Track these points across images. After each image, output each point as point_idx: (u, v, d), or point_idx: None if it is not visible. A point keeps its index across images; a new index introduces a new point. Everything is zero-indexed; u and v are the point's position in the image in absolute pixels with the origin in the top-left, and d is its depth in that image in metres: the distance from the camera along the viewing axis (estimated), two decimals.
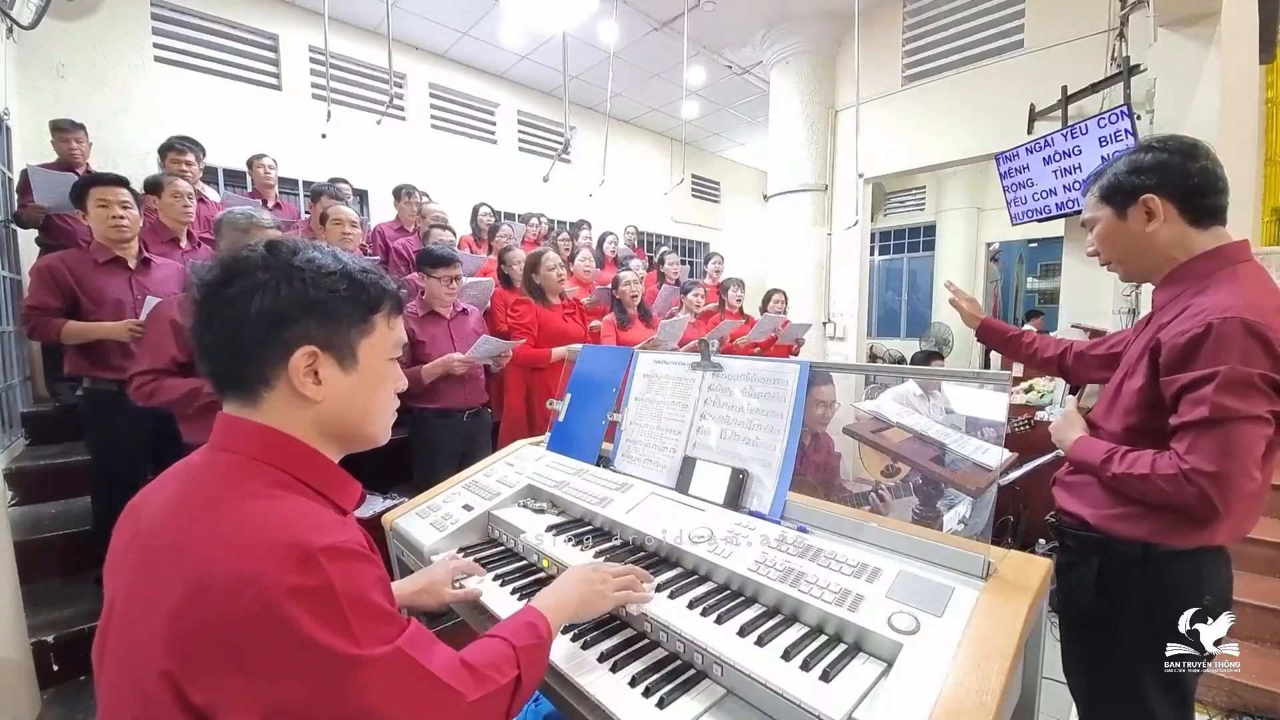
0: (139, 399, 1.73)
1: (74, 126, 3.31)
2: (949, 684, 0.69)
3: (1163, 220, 1.07)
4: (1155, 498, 0.99)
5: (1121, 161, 1.12)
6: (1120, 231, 1.13)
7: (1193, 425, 0.95)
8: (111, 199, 2.08)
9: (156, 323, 1.78)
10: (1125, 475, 1.02)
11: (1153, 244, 1.09)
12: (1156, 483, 0.97)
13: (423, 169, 5.83)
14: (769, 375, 1.25)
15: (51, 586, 2.27)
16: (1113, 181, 1.12)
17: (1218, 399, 0.92)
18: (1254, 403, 0.92)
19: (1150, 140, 1.12)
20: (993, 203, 7.57)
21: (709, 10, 5.19)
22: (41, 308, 2.06)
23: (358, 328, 0.68)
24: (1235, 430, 0.92)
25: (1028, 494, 2.86)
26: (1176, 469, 0.94)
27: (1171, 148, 1.07)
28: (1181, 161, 1.05)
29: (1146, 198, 1.07)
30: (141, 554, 0.59)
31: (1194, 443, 0.94)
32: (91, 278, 2.11)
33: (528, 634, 0.74)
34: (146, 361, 1.73)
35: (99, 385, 2.12)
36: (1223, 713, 2.02)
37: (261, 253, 0.65)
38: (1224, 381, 0.92)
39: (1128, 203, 1.09)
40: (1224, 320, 0.93)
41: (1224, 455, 0.92)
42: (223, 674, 0.51)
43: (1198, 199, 1.06)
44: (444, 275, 2.44)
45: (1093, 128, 3.42)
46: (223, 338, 0.63)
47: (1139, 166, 1.08)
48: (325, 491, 0.66)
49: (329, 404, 0.66)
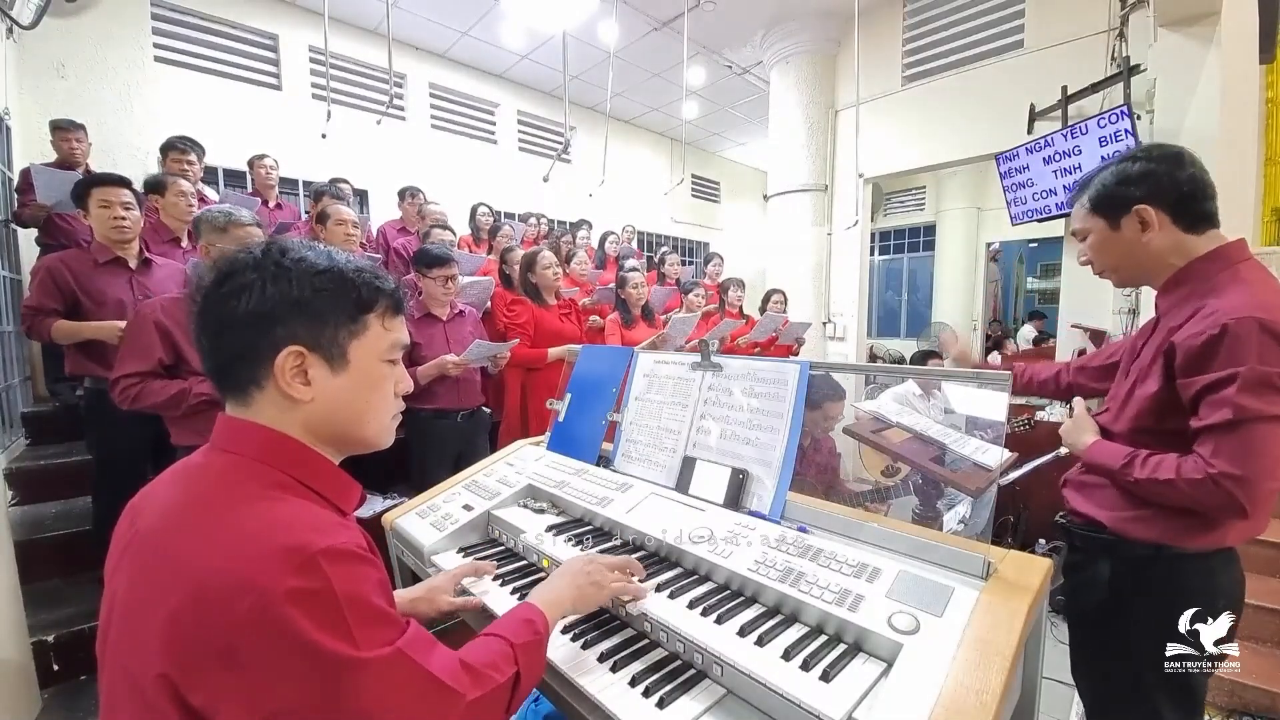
0: (124, 403, 1.69)
1: (74, 126, 3.31)
2: (949, 684, 0.69)
3: (1157, 229, 1.06)
4: (1180, 501, 0.99)
5: (1108, 173, 1.12)
6: (1114, 241, 1.12)
7: (1216, 428, 0.94)
8: (113, 199, 2.08)
9: (140, 325, 1.74)
10: (1149, 480, 1.01)
11: (1149, 252, 1.09)
12: (1182, 487, 0.97)
13: (423, 169, 5.83)
14: (769, 375, 1.25)
15: (51, 586, 2.27)
16: (1101, 192, 1.12)
17: (1240, 400, 0.92)
18: (1275, 401, 0.92)
19: (1135, 151, 1.12)
20: (993, 203, 7.56)
21: (709, 10, 5.19)
22: (39, 308, 2.06)
23: (347, 328, 0.67)
24: (1258, 431, 0.92)
25: (1028, 494, 2.85)
26: (1204, 473, 0.94)
27: (1156, 157, 1.07)
28: (1169, 170, 1.05)
29: (1140, 208, 1.07)
30: (140, 555, 0.59)
31: (1219, 446, 0.94)
32: (92, 278, 2.10)
33: (525, 631, 0.74)
34: (131, 365, 1.70)
35: (100, 384, 2.10)
36: (1223, 713, 2.02)
37: (254, 253, 0.65)
38: (1245, 382, 0.91)
39: (1119, 213, 1.09)
40: (1239, 321, 0.93)
41: (1249, 457, 0.92)
42: (221, 677, 0.51)
43: (1190, 205, 1.06)
44: (439, 275, 2.44)
45: (1093, 128, 3.41)
46: (215, 337, 0.64)
47: (1126, 177, 1.08)
48: (324, 492, 0.66)
49: (318, 405, 0.66)
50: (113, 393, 1.72)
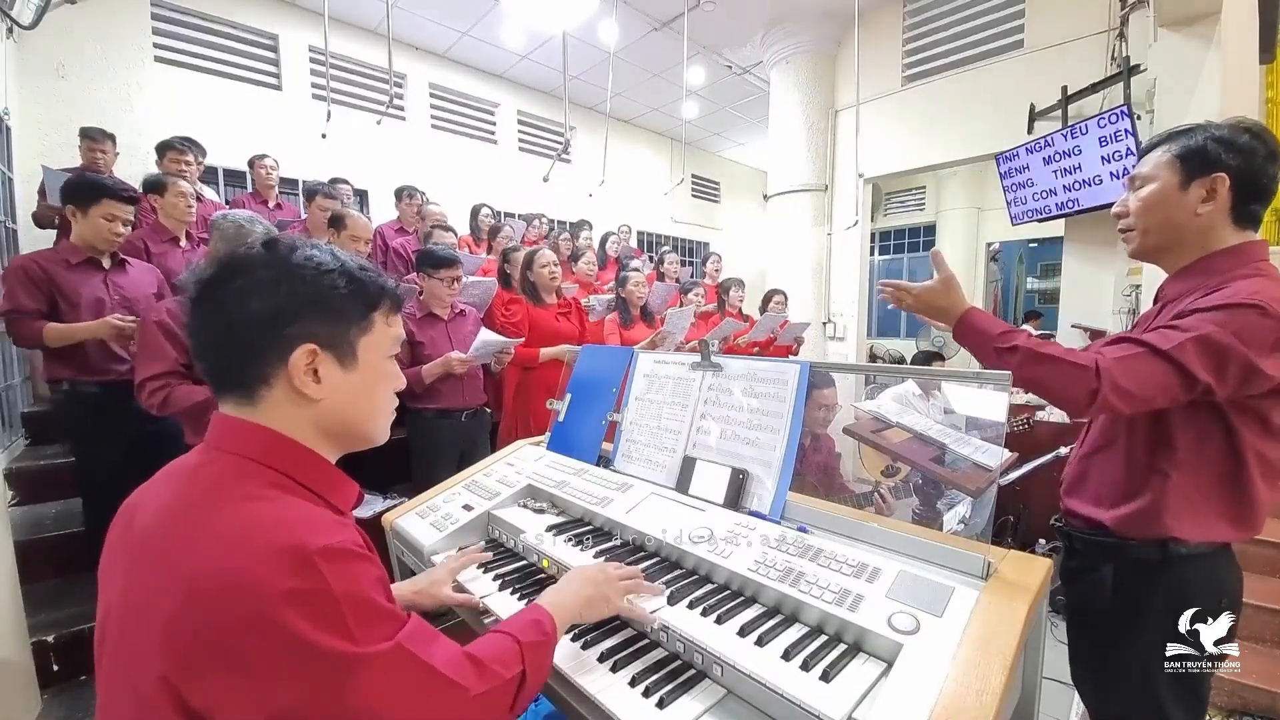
0: (153, 407, 1.69)
1: (104, 136, 3.32)
2: (949, 684, 0.69)
3: (1215, 205, 1.03)
4: (1047, 381, 0.99)
5: (1215, 130, 1.04)
6: (1173, 200, 1.06)
7: (1143, 343, 0.96)
8: (120, 215, 2.04)
9: (147, 330, 1.74)
10: (1029, 351, 0.99)
11: (1192, 225, 1.05)
12: (1065, 364, 0.97)
13: (423, 169, 5.82)
14: (769, 375, 1.25)
15: (52, 586, 2.26)
16: (1199, 146, 1.03)
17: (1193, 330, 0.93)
18: (1205, 364, 0.92)
19: (1251, 125, 1.05)
20: (993, 203, 7.56)
21: (709, 10, 5.19)
22: (20, 309, 1.96)
23: (357, 325, 0.68)
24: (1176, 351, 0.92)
25: (1028, 494, 2.85)
26: (1093, 363, 0.94)
27: (1269, 144, 1.02)
28: (1265, 160, 1.02)
29: (1218, 176, 1.01)
30: (137, 557, 0.59)
31: (1132, 358, 0.95)
32: (66, 278, 2.02)
33: (533, 630, 0.74)
34: (154, 367, 1.70)
35: (80, 388, 2.07)
36: (1223, 713, 2.02)
37: (260, 251, 0.65)
38: (1203, 336, 0.92)
39: (1199, 174, 1.03)
40: (1250, 296, 0.94)
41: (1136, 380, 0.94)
42: (221, 678, 0.51)
43: (1254, 200, 1.03)
44: (446, 276, 2.44)
45: (1093, 128, 3.42)
46: (222, 336, 0.63)
47: (1233, 144, 1.01)
48: (322, 492, 0.66)
49: (329, 402, 0.66)
50: (139, 396, 1.71)
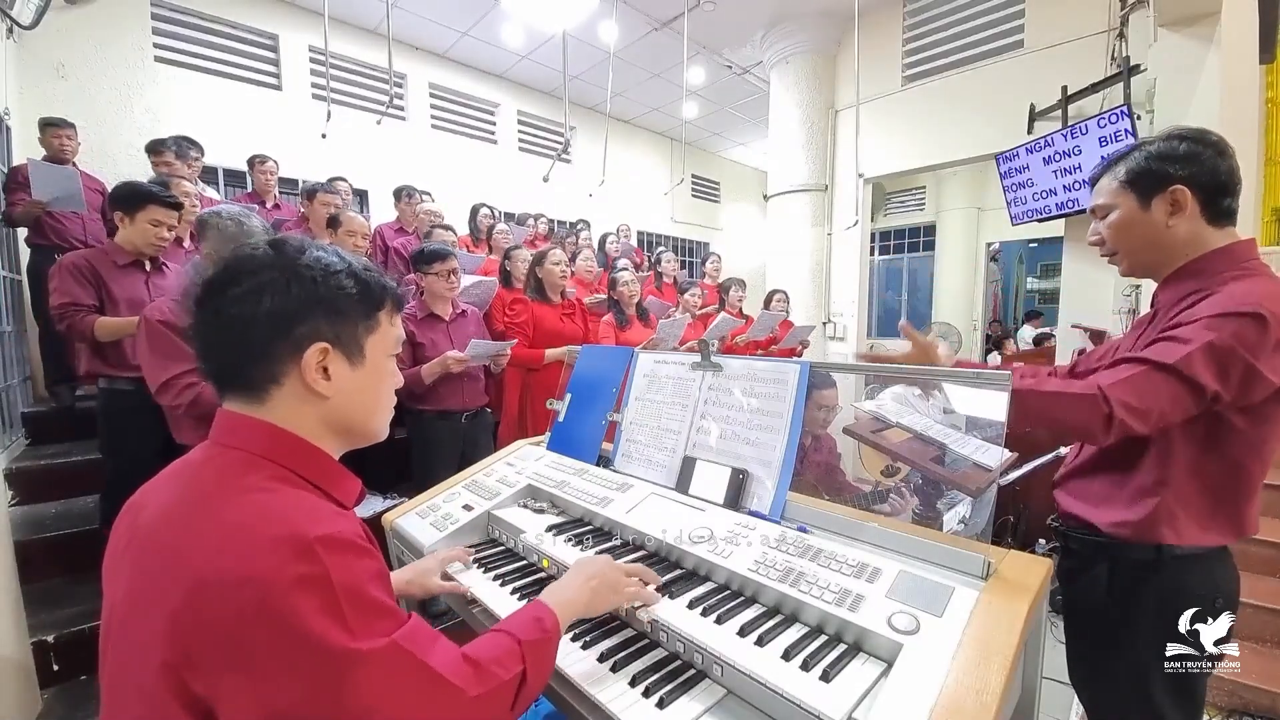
0: (181, 406, 1.67)
1: (65, 124, 3.31)
2: (949, 684, 0.69)
3: (1186, 215, 1.03)
4: (1058, 415, 0.99)
5: (1149, 148, 1.05)
6: (1139, 221, 1.07)
7: (1147, 361, 0.96)
8: (165, 221, 2.10)
9: (153, 329, 1.72)
10: (1030, 392, 0.99)
11: (1170, 239, 1.05)
12: (1067, 398, 0.97)
13: (423, 169, 5.83)
14: (769, 375, 1.25)
15: (51, 586, 2.27)
16: (1142, 167, 1.05)
17: (1198, 336, 0.93)
18: (1211, 373, 0.92)
19: (1181, 130, 1.05)
20: (993, 203, 7.56)
21: (709, 10, 5.19)
22: (76, 302, 2.05)
23: (364, 324, 0.70)
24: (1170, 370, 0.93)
25: (1028, 494, 2.85)
26: (1096, 388, 0.95)
27: (1207, 140, 1.02)
28: (1214, 157, 1.01)
29: (1176, 189, 1.01)
30: (142, 552, 0.59)
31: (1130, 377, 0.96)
32: (114, 277, 2.12)
33: (534, 629, 0.74)
34: (177, 365, 1.66)
35: (115, 384, 2.11)
36: (1223, 713, 2.02)
37: (267, 251, 0.65)
38: (1210, 344, 0.92)
39: (1154, 192, 1.04)
40: (1247, 303, 0.93)
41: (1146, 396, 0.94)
42: (225, 670, 0.51)
43: (1221, 198, 1.03)
44: (441, 269, 2.44)
45: (1093, 128, 3.42)
46: (231, 336, 0.64)
47: (1172, 155, 1.02)
48: (325, 486, 0.67)
49: (337, 399, 0.68)
50: (163, 396, 1.69)
